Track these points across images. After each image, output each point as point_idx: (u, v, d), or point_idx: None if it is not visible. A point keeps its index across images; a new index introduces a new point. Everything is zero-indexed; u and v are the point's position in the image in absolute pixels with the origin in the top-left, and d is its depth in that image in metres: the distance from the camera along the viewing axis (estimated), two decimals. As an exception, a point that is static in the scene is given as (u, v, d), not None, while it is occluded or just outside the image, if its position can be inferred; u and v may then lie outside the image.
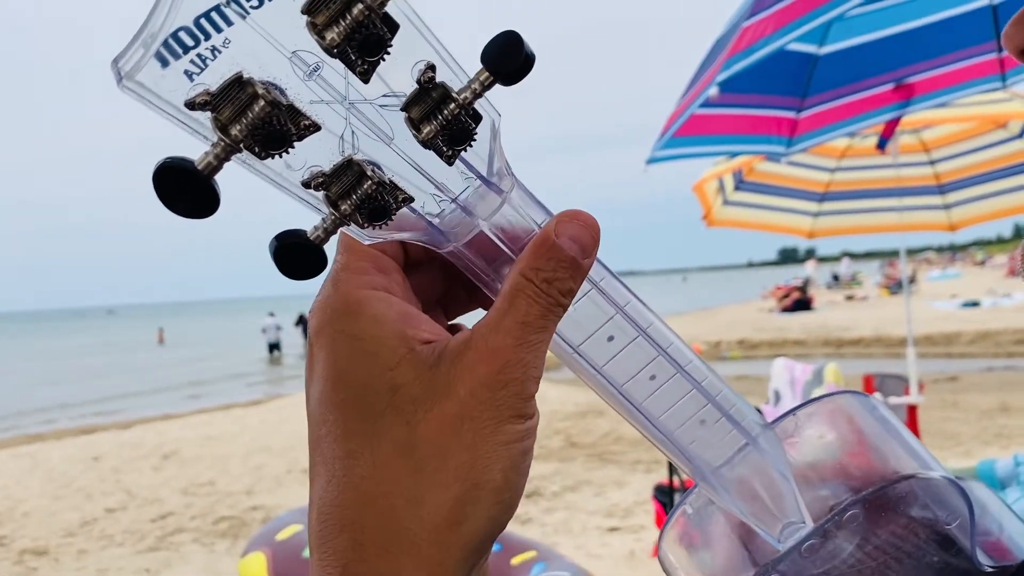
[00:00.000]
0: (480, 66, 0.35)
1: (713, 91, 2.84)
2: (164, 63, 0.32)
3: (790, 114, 3.84)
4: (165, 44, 0.32)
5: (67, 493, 8.20)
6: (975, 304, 24.34)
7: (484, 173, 0.38)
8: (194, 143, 0.33)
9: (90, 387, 19.52)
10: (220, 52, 0.32)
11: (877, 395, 5.64)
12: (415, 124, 0.35)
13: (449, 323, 0.45)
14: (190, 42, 0.32)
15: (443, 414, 0.36)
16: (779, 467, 0.44)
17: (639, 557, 5.24)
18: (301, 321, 29.19)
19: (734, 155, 5.26)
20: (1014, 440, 7.43)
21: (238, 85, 0.32)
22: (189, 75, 0.32)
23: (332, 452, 0.37)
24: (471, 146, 0.36)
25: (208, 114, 0.32)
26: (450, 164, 0.36)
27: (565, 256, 0.38)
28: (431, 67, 0.34)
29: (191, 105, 0.32)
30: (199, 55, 0.32)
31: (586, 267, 0.39)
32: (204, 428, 11.78)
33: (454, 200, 0.38)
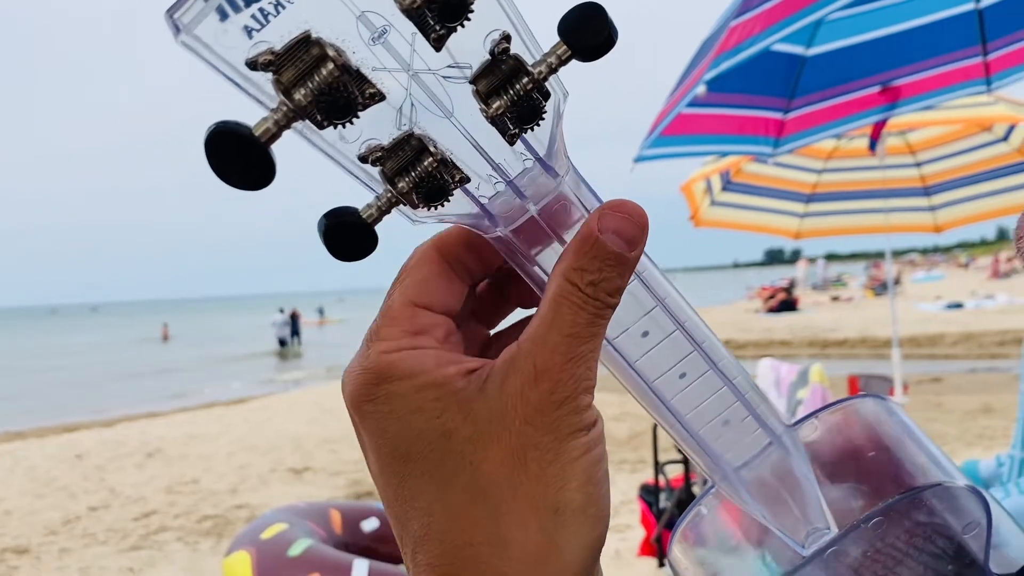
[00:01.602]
0: (557, 39, 0.32)
1: (701, 89, 2.85)
2: (223, 16, 0.29)
3: (777, 115, 3.85)
4: None
5: (49, 491, 8.14)
6: (959, 306, 24.51)
7: (543, 155, 0.36)
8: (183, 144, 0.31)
9: (113, 388, 19.26)
10: (284, 7, 0.29)
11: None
12: (483, 98, 0.32)
13: (491, 332, 0.44)
14: None
15: (502, 448, 0.35)
16: (802, 470, 0.43)
17: (624, 557, 5.24)
18: (293, 318, 29.35)
19: (722, 155, 5.27)
20: (996, 441, 7.47)
21: (305, 45, 0.29)
22: (249, 31, 0.29)
23: (407, 515, 0.36)
24: (539, 125, 0.34)
25: (269, 76, 0.30)
26: (511, 143, 0.34)
27: (610, 252, 0.35)
28: (506, 37, 0.32)
29: (253, 64, 0.29)
30: (261, 9, 0.29)
31: (633, 260, 0.36)
32: (188, 426, 11.72)
33: (509, 182, 0.36)
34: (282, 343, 28.64)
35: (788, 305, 29.37)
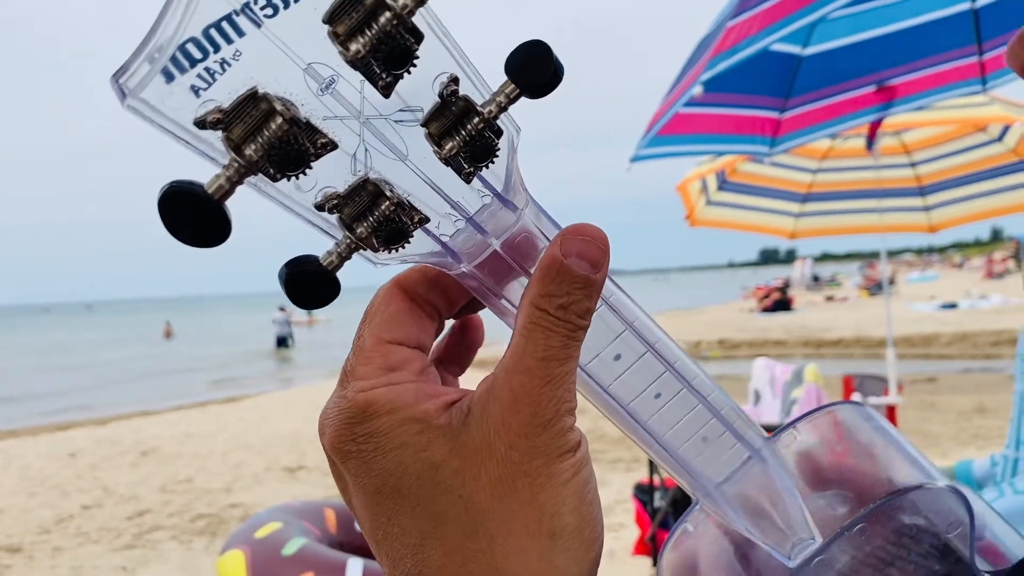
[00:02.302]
0: (504, 78, 0.32)
1: (697, 90, 2.85)
2: (169, 78, 0.29)
3: (773, 114, 3.86)
4: (172, 58, 0.29)
5: (42, 490, 8.12)
6: (953, 306, 24.57)
7: (500, 190, 0.36)
8: (184, 160, 0.31)
9: (126, 386, 19.17)
10: (230, 65, 0.29)
11: (856, 395, 5.68)
12: (436, 140, 0.33)
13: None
14: (198, 54, 0.29)
15: (490, 477, 0.35)
16: (784, 481, 0.43)
17: (619, 556, 5.25)
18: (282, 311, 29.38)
19: (718, 155, 5.28)
20: (990, 441, 7.49)
21: (253, 101, 0.29)
22: (196, 90, 0.29)
23: (397, 553, 0.36)
24: (493, 163, 0.34)
25: (219, 134, 0.30)
26: (468, 182, 0.34)
27: (576, 276, 0.36)
28: (454, 79, 0.32)
29: (201, 124, 0.29)
30: (207, 68, 0.29)
31: (599, 282, 0.36)
32: (182, 425, 11.70)
33: (468, 219, 0.36)
34: (282, 341, 28.60)
35: (783, 305, 29.42)
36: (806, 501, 0.43)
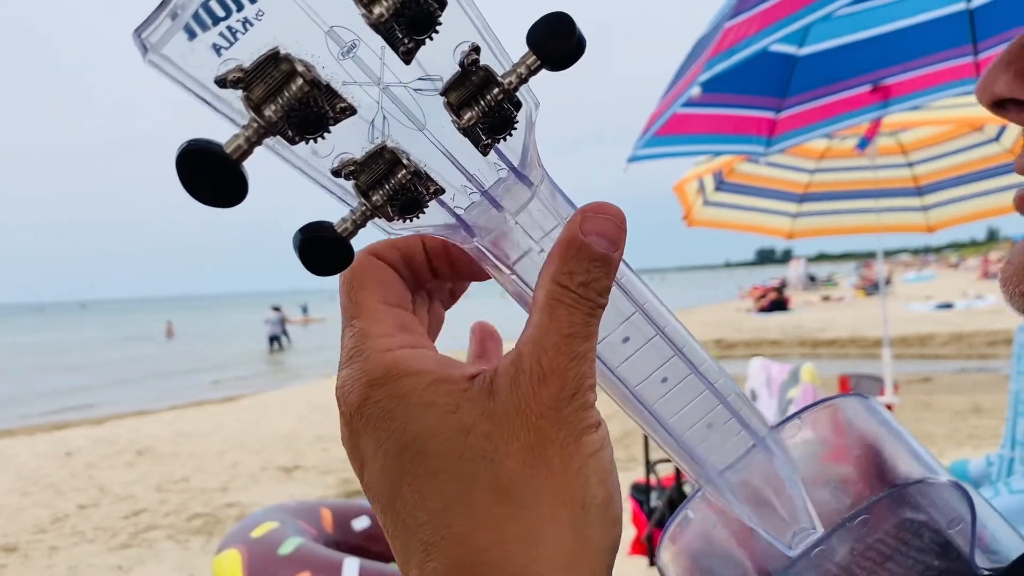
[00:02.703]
0: (526, 49, 0.32)
1: (695, 91, 2.85)
2: (191, 35, 0.29)
3: (769, 114, 3.86)
4: (194, 14, 0.29)
5: (38, 489, 8.10)
6: (949, 306, 24.61)
7: (516, 164, 0.36)
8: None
9: (136, 386, 19.12)
10: (252, 24, 0.29)
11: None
12: (455, 109, 0.33)
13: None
14: (221, 12, 0.29)
15: (522, 444, 0.35)
16: (787, 471, 0.43)
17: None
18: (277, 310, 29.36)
19: (714, 155, 5.28)
20: (986, 441, 7.51)
21: (274, 61, 0.29)
22: (217, 49, 0.29)
23: (417, 521, 0.35)
24: (511, 135, 0.34)
25: (239, 92, 0.30)
26: (485, 154, 0.34)
27: (596, 254, 0.36)
28: (476, 48, 0.32)
29: (222, 82, 0.29)
30: (229, 27, 0.29)
31: (617, 260, 0.37)
32: (179, 424, 11.69)
33: (484, 192, 0.36)
34: (274, 340, 28.62)
35: (779, 305, 29.46)
36: (808, 491, 0.43)
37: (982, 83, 0.48)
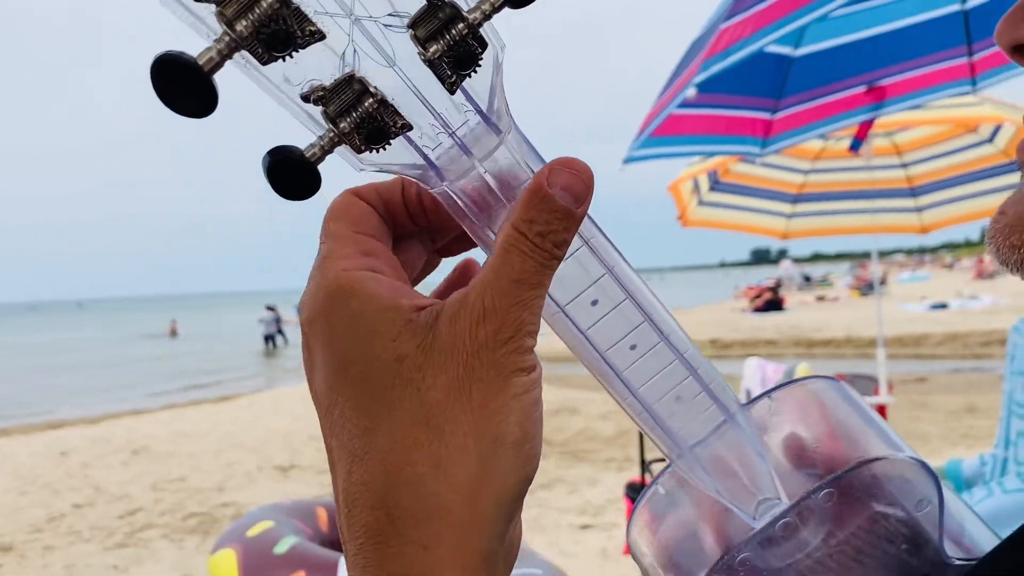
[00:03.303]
0: None
1: (691, 92, 2.86)
2: None
3: (765, 115, 3.87)
4: None
5: (33, 489, 8.09)
6: (943, 306, 24.65)
7: (484, 108, 0.37)
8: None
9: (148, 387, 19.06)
10: None
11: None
12: (421, 42, 0.34)
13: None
14: None
15: (450, 377, 0.36)
16: (756, 447, 0.44)
17: (611, 555, 5.26)
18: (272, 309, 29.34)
19: (710, 155, 5.29)
20: (980, 440, 7.52)
21: None
22: None
23: (349, 433, 0.38)
24: (476, 71, 0.35)
25: (212, 8, 0.31)
26: (452, 92, 0.35)
27: (558, 206, 0.37)
28: None
29: None
30: None
31: (580, 216, 0.38)
32: (175, 424, 11.67)
33: (452, 134, 0.37)
34: (269, 340, 28.61)
35: (774, 305, 29.48)
36: (775, 468, 0.44)
37: (1004, 26, 0.48)
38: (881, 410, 5.41)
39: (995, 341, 15.32)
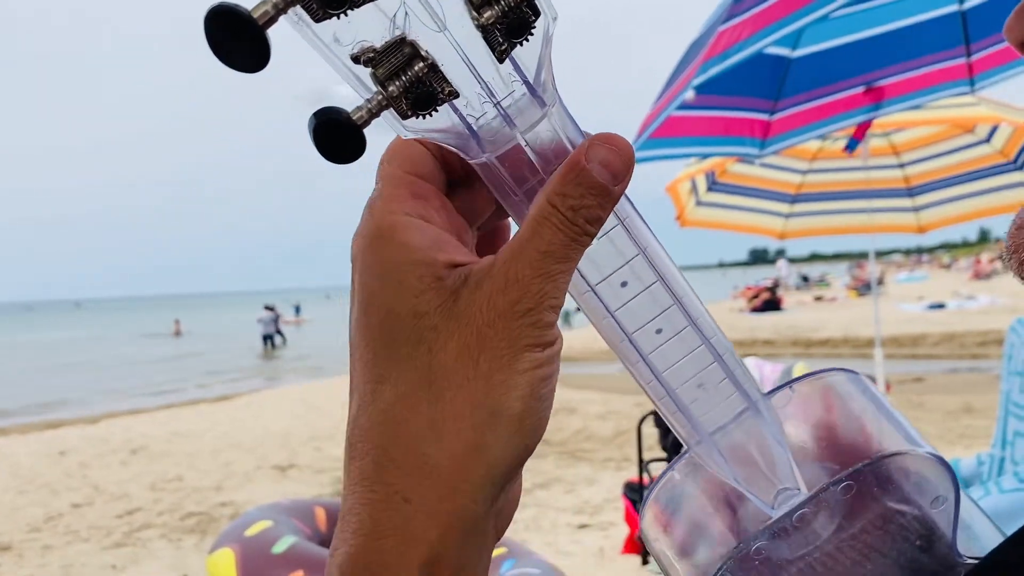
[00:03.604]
0: None
1: (690, 94, 2.86)
2: None
3: (763, 116, 3.88)
4: None
5: (32, 488, 8.08)
6: (941, 306, 24.68)
7: (531, 80, 0.36)
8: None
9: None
10: None
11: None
12: (475, 6, 0.33)
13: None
14: None
15: (461, 343, 0.36)
16: (776, 436, 0.44)
17: (609, 554, 5.26)
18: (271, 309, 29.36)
19: (710, 156, 5.29)
20: (977, 440, 7.53)
21: None
22: None
23: (362, 378, 0.38)
24: (528, 40, 0.34)
25: None
26: (501, 61, 0.35)
27: (594, 182, 0.36)
28: None
29: None
30: None
31: (616, 194, 0.37)
32: (173, 423, 11.66)
33: (497, 104, 0.36)
34: (268, 340, 28.63)
35: (772, 305, 29.49)
36: (795, 459, 0.44)
37: (1015, 21, 0.48)
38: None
39: (992, 341, 15.33)
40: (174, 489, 7.76)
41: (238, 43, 0.30)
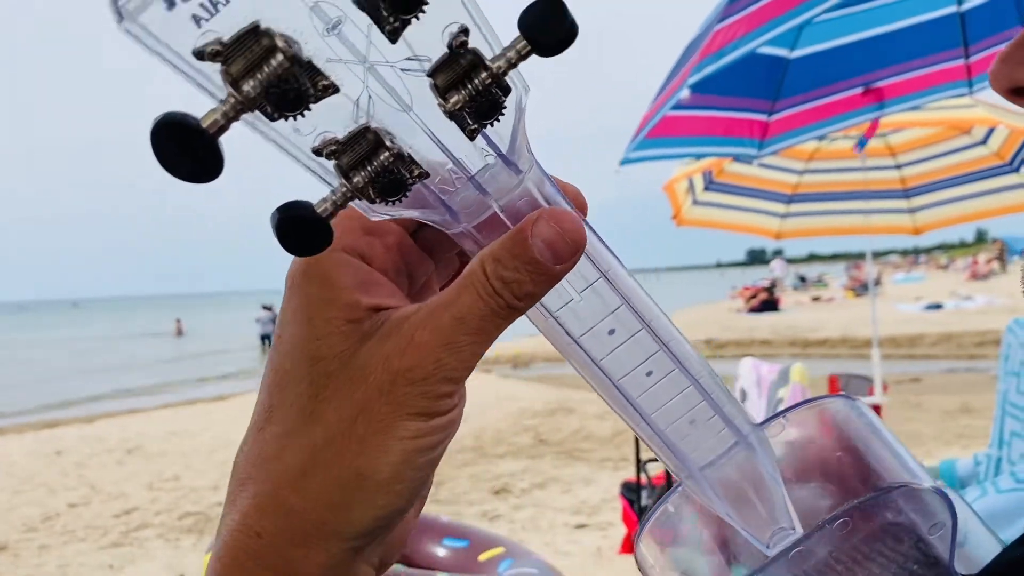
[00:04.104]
0: (516, 33, 0.31)
1: (685, 93, 2.86)
2: (170, 4, 0.27)
3: (761, 117, 3.88)
4: None
5: (28, 488, 8.08)
6: (938, 307, 24.72)
7: (504, 151, 0.35)
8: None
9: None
10: None
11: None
12: (441, 92, 0.31)
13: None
14: None
15: (347, 397, 0.35)
16: (769, 469, 0.43)
17: (606, 554, 5.27)
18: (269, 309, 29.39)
19: (707, 156, 5.29)
20: (974, 440, 7.54)
21: (254, 35, 0.28)
22: (197, 20, 0.28)
23: (258, 404, 0.38)
24: (498, 121, 0.33)
25: (217, 66, 0.29)
26: (472, 139, 0.33)
27: (532, 259, 0.34)
28: (464, 30, 0.31)
29: (200, 55, 0.28)
30: None
31: (557, 274, 0.35)
32: (170, 423, 11.66)
33: (470, 178, 0.35)
34: (266, 339, 28.63)
35: (770, 305, 29.52)
36: (789, 491, 0.43)
37: (1000, 68, 0.47)
38: (876, 410, 5.43)
39: (989, 341, 15.36)
40: (171, 489, 7.76)
41: (187, 155, 0.28)
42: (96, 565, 5.74)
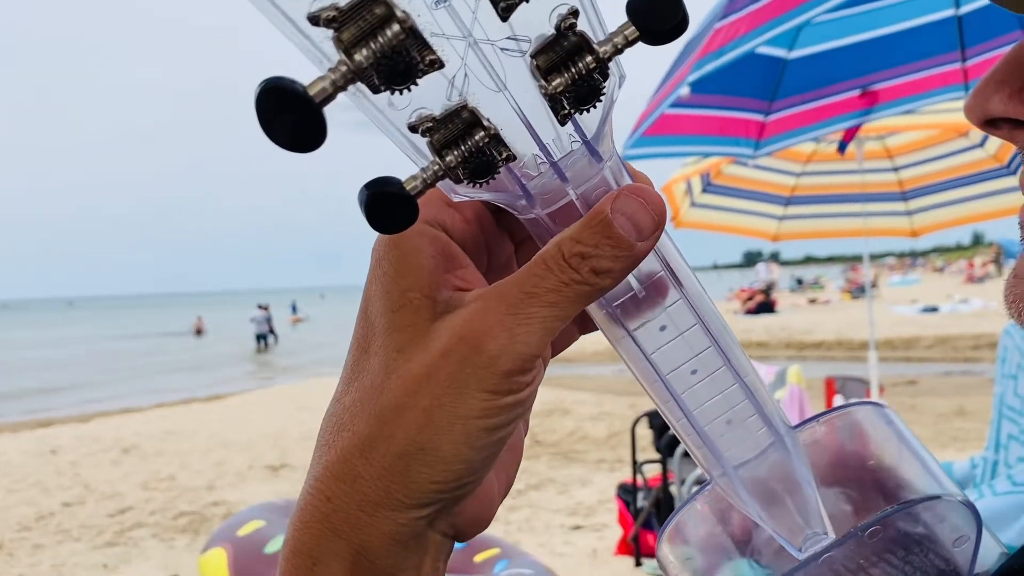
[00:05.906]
0: (624, 19, 0.31)
1: (684, 91, 2.86)
2: None
3: (758, 117, 3.88)
4: None
5: (22, 487, 8.06)
6: (934, 309, 24.77)
7: (590, 137, 0.34)
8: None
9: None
10: None
11: (838, 397, 5.72)
12: (543, 73, 0.31)
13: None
14: None
15: (413, 371, 0.35)
16: (802, 473, 0.42)
17: (602, 555, 5.26)
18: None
19: (703, 156, 5.30)
20: (970, 443, 7.56)
21: (371, 3, 0.27)
22: None
23: (343, 374, 0.38)
24: (595, 107, 0.32)
25: (329, 33, 0.28)
26: (563, 124, 0.33)
27: (613, 233, 0.34)
28: (574, 12, 0.30)
29: (314, 20, 0.28)
30: None
31: (641, 251, 0.34)
32: (165, 422, 11.64)
33: (553, 163, 0.34)
34: (261, 339, 28.63)
35: (766, 307, 29.56)
36: (820, 496, 0.43)
37: (974, 101, 0.47)
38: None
39: (985, 344, 15.39)
40: (166, 488, 7.75)
41: (291, 122, 0.28)
42: (90, 565, 5.73)
